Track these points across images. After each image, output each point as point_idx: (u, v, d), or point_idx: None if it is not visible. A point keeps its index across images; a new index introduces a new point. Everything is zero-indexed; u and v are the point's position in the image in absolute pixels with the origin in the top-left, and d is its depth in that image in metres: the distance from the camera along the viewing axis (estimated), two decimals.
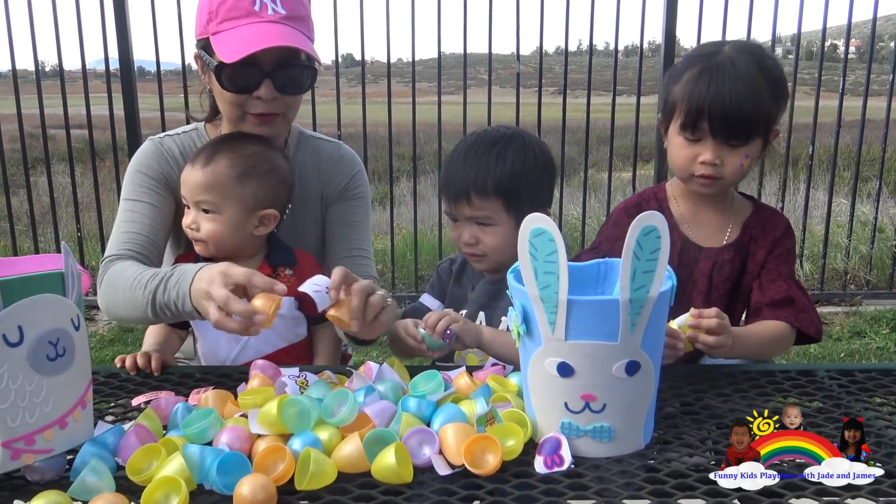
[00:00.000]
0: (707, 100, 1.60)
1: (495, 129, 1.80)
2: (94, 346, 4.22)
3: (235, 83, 1.66)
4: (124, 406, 1.43)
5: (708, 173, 1.65)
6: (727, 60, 1.63)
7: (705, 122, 1.61)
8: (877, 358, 4.00)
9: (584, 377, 1.14)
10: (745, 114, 1.59)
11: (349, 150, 1.96)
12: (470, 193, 1.71)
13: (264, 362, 1.46)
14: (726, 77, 1.60)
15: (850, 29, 4.79)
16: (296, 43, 1.62)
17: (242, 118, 1.72)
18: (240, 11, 1.63)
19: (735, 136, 1.62)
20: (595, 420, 1.16)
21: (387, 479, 1.10)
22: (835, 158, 4.93)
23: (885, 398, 1.40)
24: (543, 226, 1.10)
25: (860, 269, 5.12)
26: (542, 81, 4.76)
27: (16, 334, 1.05)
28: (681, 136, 1.66)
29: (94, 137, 4.80)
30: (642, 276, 1.10)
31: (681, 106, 1.65)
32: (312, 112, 4.52)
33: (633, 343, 1.13)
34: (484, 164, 1.71)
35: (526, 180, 1.73)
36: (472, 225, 1.74)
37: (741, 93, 1.59)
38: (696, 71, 1.64)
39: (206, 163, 1.66)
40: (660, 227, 1.09)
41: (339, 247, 1.87)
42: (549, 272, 1.10)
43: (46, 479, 1.13)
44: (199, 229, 1.68)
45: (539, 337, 1.15)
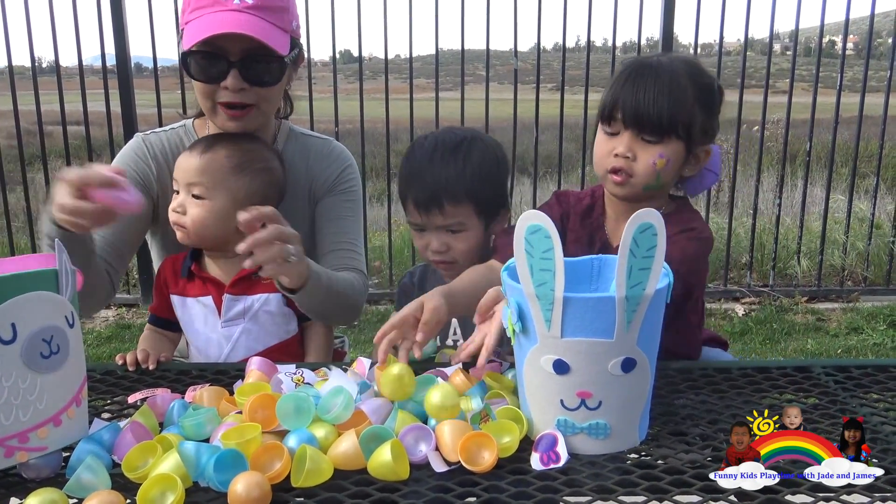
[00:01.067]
0: (624, 92, 1.58)
1: (452, 132, 1.78)
2: (92, 343, 4.22)
3: (201, 72, 1.67)
4: (120, 403, 1.42)
5: (619, 165, 1.58)
6: (655, 63, 1.62)
7: (619, 112, 1.58)
8: (873, 354, 4.01)
9: (580, 374, 1.14)
10: (659, 107, 1.56)
11: (339, 145, 1.95)
12: (442, 201, 1.68)
13: (261, 359, 1.46)
14: (647, 75, 1.58)
15: (847, 25, 4.78)
16: (254, 31, 1.61)
17: (214, 110, 1.72)
18: (206, 0, 1.64)
19: (649, 129, 1.56)
20: (591, 417, 1.16)
21: (383, 476, 1.10)
22: (832, 155, 4.94)
23: (882, 394, 1.40)
24: (539, 223, 1.09)
25: (857, 265, 5.12)
26: (540, 78, 4.75)
27: (9, 332, 1.05)
28: (601, 132, 1.64)
29: (90, 134, 4.79)
30: (638, 273, 1.09)
31: (602, 101, 1.64)
32: (310, 108, 4.52)
33: (630, 340, 1.13)
34: (453, 170, 1.68)
35: (493, 181, 1.73)
36: (442, 233, 1.72)
37: (661, 88, 1.56)
38: (624, 74, 1.62)
39: (205, 149, 1.68)
40: (656, 224, 1.09)
41: (326, 240, 1.86)
42: (545, 269, 1.10)
43: (42, 477, 1.12)
44: (185, 213, 1.68)
45: (535, 334, 1.15)
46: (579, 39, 7.57)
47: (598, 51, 8.34)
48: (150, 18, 4.55)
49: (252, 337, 1.74)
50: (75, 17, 4.54)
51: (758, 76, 5.56)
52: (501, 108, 4.81)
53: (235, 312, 1.74)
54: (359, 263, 1.86)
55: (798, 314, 4.67)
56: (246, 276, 1.73)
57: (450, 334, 1.78)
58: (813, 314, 4.68)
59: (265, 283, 1.74)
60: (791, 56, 4.88)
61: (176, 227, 1.71)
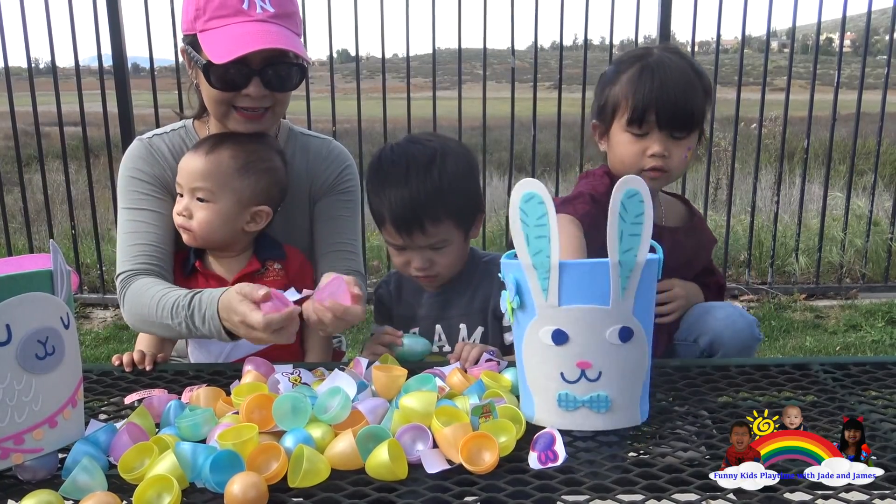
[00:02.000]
0: (654, 93, 1.66)
1: (417, 144, 1.71)
2: (90, 343, 4.21)
3: (224, 81, 1.65)
4: (117, 404, 1.42)
5: (658, 165, 1.69)
6: (663, 58, 1.71)
7: (652, 115, 1.66)
8: (872, 351, 4.01)
9: (579, 344, 1.17)
10: (688, 106, 1.67)
11: (339, 146, 1.95)
12: (424, 223, 1.63)
13: (257, 359, 1.46)
14: (667, 72, 1.68)
15: (844, 22, 4.78)
16: (284, 43, 1.61)
17: (227, 115, 1.70)
18: (228, 10, 1.61)
19: (679, 127, 1.68)
20: (592, 389, 1.18)
21: (381, 475, 1.09)
22: (830, 152, 4.93)
23: (880, 391, 1.39)
24: (533, 189, 1.13)
25: (855, 262, 5.12)
26: (538, 76, 4.75)
27: (3, 333, 1.05)
28: (627, 133, 1.71)
29: (88, 134, 4.78)
30: (629, 239, 1.13)
31: (625, 103, 1.69)
32: (307, 108, 4.51)
33: (626, 308, 1.16)
34: (431, 189, 1.62)
35: (468, 192, 1.70)
36: (425, 250, 1.68)
37: (681, 86, 1.67)
38: (636, 70, 1.70)
39: (209, 151, 1.67)
40: (642, 190, 1.13)
41: (325, 241, 1.86)
42: (541, 236, 1.13)
43: (38, 479, 1.12)
44: (191, 216, 1.67)
45: (533, 307, 1.18)
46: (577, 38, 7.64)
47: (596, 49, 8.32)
48: (147, 19, 4.54)
49: None
50: (72, 18, 4.52)
51: (755, 74, 5.56)
52: (499, 107, 4.81)
53: None
54: (357, 265, 1.86)
55: (796, 311, 4.67)
56: (248, 273, 1.73)
57: (435, 340, 1.77)
58: (811, 311, 4.67)
59: (267, 281, 1.74)
60: (788, 53, 4.87)
61: (182, 231, 1.71)
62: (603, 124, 1.77)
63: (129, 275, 1.69)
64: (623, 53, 1.88)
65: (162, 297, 1.58)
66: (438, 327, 1.77)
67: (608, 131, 1.76)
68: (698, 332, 1.74)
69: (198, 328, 1.54)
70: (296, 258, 1.79)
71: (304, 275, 1.80)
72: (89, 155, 4.86)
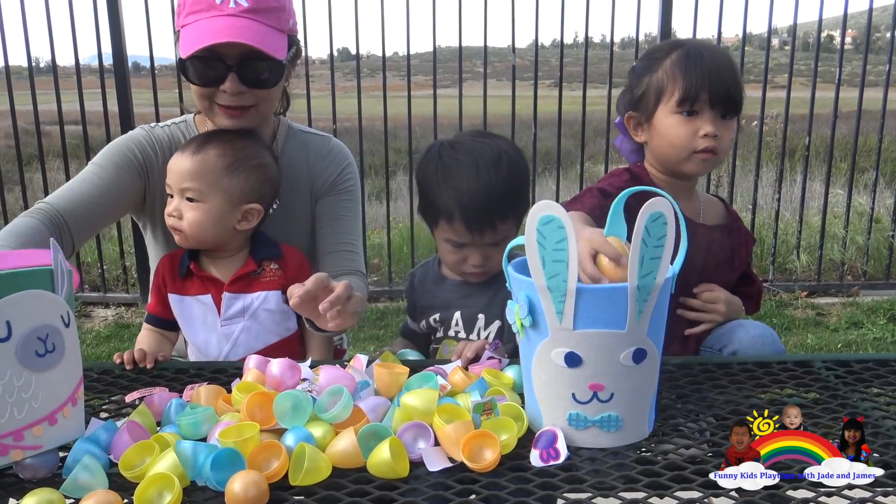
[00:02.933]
0: (705, 73, 1.66)
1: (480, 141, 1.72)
2: (91, 342, 4.21)
3: (200, 77, 1.66)
4: (117, 402, 1.42)
5: (711, 145, 1.68)
6: (704, 45, 1.75)
7: (706, 93, 1.66)
8: (874, 348, 4.00)
9: (592, 367, 1.13)
10: (737, 86, 1.70)
11: (339, 143, 1.94)
12: (495, 221, 1.66)
13: (258, 357, 1.45)
14: (714, 54, 1.70)
15: (846, 19, 4.78)
16: (250, 38, 1.60)
17: (211, 110, 1.71)
18: (201, 5, 1.63)
19: (730, 107, 1.70)
20: (603, 410, 1.15)
21: (382, 473, 1.09)
22: (831, 149, 4.93)
23: (882, 389, 1.39)
24: (553, 213, 1.08)
25: (857, 259, 5.12)
26: (538, 74, 4.74)
27: (3, 329, 1.04)
28: (676, 115, 1.69)
29: (88, 133, 4.78)
30: (650, 263, 1.10)
31: (672, 85, 1.69)
32: (308, 106, 4.52)
33: (641, 330, 1.13)
34: (503, 188, 1.65)
35: (526, 191, 1.75)
36: (486, 247, 1.69)
37: (729, 67, 1.70)
38: (680, 54, 1.70)
39: (195, 151, 1.66)
40: (667, 213, 1.09)
41: (327, 241, 1.86)
42: (559, 260, 1.09)
43: (38, 477, 1.12)
44: (181, 217, 1.67)
45: (545, 328, 1.14)
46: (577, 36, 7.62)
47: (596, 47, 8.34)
48: (147, 17, 4.54)
49: (252, 335, 1.73)
50: (72, 17, 4.52)
51: (756, 71, 5.56)
52: (500, 105, 4.80)
53: (235, 311, 1.73)
54: (359, 265, 1.86)
55: (798, 309, 4.67)
56: (244, 274, 1.72)
57: (452, 325, 1.78)
58: (813, 309, 4.67)
59: (264, 281, 1.73)
60: (790, 51, 4.87)
61: (173, 231, 1.70)
62: (642, 114, 1.76)
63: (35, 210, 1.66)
64: (651, 47, 1.88)
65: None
66: (457, 315, 1.77)
67: (649, 119, 1.74)
68: (725, 342, 1.73)
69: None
70: (294, 257, 1.78)
71: (302, 274, 1.79)
72: (90, 153, 4.85)
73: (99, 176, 1.75)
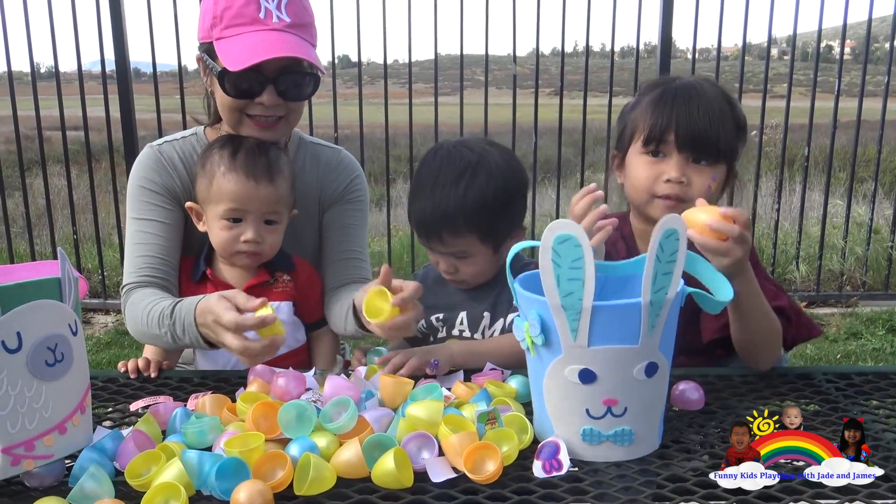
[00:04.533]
0: (675, 113, 1.55)
1: (459, 155, 1.69)
2: (91, 349, 4.21)
3: (239, 89, 1.66)
4: (122, 411, 1.42)
5: (673, 192, 1.55)
6: (689, 84, 1.60)
7: (671, 134, 1.55)
8: (873, 359, 4.01)
9: (607, 382, 1.14)
10: (712, 129, 1.54)
11: (349, 155, 1.96)
12: (442, 234, 1.66)
13: (263, 367, 1.46)
14: (693, 94, 1.57)
15: (845, 30, 4.80)
16: (299, 52, 1.62)
17: (240, 122, 1.71)
18: (245, 18, 1.62)
19: (701, 151, 1.55)
20: (616, 424, 1.16)
21: (387, 484, 1.10)
22: (830, 159, 4.94)
23: (882, 401, 1.40)
24: (569, 232, 1.08)
25: (856, 270, 5.13)
26: (539, 83, 4.76)
27: (14, 340, 1.05)
28: (642, 156, 1.60)
29: (90, 139, 4.79)
30: (662, 279, 1.11)
31: (642, 126, 1.59)
32: (309, 114, 4.52)
33: (653, 345, 1.14)
34: (452, 201, 1.63)
35: (498, 208, 1.66)
36: (448, 257, 1.71)
37: (706, 109, 1.55)
38: (657, 94, 1.60)
39: (271, 176, 1.67)
40: (679, 230, 1.11)
41: (334, 249, 1.87)
42: (574, 279, 1.09)
43: (45, 485, 1.13)
44: (263, 242, 1.69)
45: (558, 346, 1.14)
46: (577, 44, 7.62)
47: (597, 56, 8.35)
48: (150, 23, 4.55)
49: None
50: (75, 23, 4.54)
51: (756, 81, 5.57)
52: (500, 113, 4.81)
53: None
54: (367, 272, 1.88)
55: None
56: (258, 283, 1.73)
57: (456, 324, 1.78)
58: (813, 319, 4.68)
59: (277, 292, 1.74)
60: (789, 61, 4.88)
61: (250, 256, 1.71)
62: (620, 152, 1.68)
63: (130, 287, 1.70)
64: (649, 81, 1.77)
65: (153, 308, 1.58)
66: (463, 314, 1.78)
67: (623, 158, 1.67)
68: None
69: (179, 337, 1.52)
70: (304, 270, 1.80)
71: (312, 287, 1.80)
72: (91, 159, 4.86)
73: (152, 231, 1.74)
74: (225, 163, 1.66)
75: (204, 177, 1.68)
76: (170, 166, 1.78)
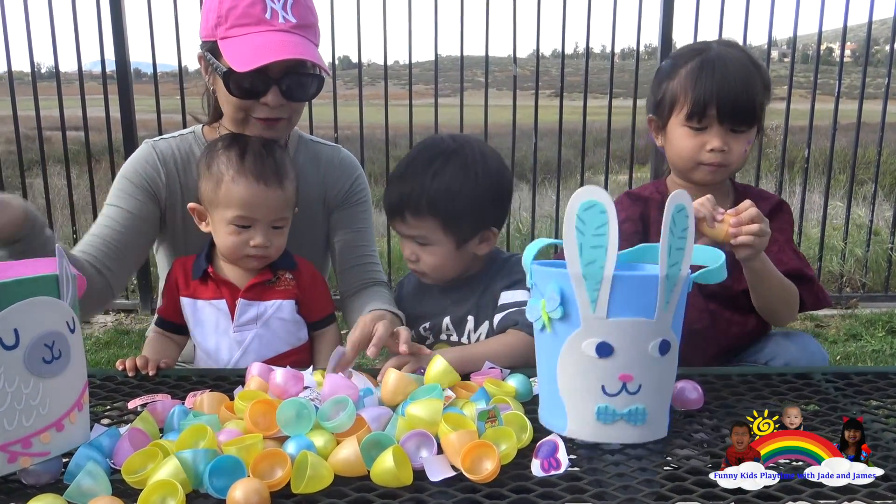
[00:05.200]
0: (714, 88, 1.66)
1: (440, 142, 1.71)
2: (90, 348, 4.21)
3: (243, 89, 1.66)
4: (120, 409, 1.42)
5: (717, 160, 1.70)
6: (722, 52, 1.71)
7: (713, 109, 1.66)
8: (872, 361, 4.01)
9: (623, 356, 1.16)
10: (748, 100, 1.67)
11: (348, 153, 1.97)
12: (404, 212, 1.67)
13: (261, 365, 1.46)
14: (728, 66, 1.67)
15: (845, 32, 4.80)
16: (305, 54, 1.62)
17: (245, 121, 1.72)
18: (250, 19, 1.62)
19: (740, 121, 1.68)
20: (631, 402, 1.18)
21: (386, 482, 1.10)
22: (830, 161, 4.94)
23: (882, 401, 1.40)
24: (595, 198, 1.11)
25: (856, 271, 5.13)
26: (539, 84, 4.76)
27: (11, 337, 1.05)
28: (685, 128, 1.71)
29: (90, 139, 4.79)
30: (676, 253, 1.14)
31: (683, 98, 1.70)
32: (309, 114, 4.52)
33: (666, 321, 1.17)
34: (419, 182, 1.64)
35: (465, 200, 1.64)
36: (412, 242, 1.71)
37: (742, 80, 1.67)
38: (696, 64, 1.70)
39: (278, 180, 1.67)
40: (687, 205, 1.15)
41: (347, 254, 1.90)
42: (598, 246, 1.11)
43: (42, 483, 1.12)
44: (270, 246, 1.69)
45: (577, 318, 1.16)
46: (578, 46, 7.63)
47: (597, 57, 8.36)
48: (150, 24, 4.55)
49: (263, 343, 1.73)
50: (75, 23, 4.54)
51: None
52: (500, 115, 4.82)
53: (248, 317, 1.73)
54: (381, 275, 1.91)
55: (797, 320, 4.67)
56: (260, 282, 1.73)
57: (443, 330, 1.78)
58: (812, 320, 4.68)
59: (279, 290, 1.74)
60: (789, 63, 4.88)
61: (258, 260, 1.71)
62: (660, 119, 1.78)
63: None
64: (681, 48, 1.87)
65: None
66: (447, 320, 1.77)
67: (665, 126, 1.77)
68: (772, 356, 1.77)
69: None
70: (307, 269, 1.80)
71: (314, 285, 1.80)
72: (91, 160, 4.86)
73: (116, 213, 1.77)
74: (234, 166, 1.65)
75: (210, 179, 1.67)
76: (161, 163, 1.80)
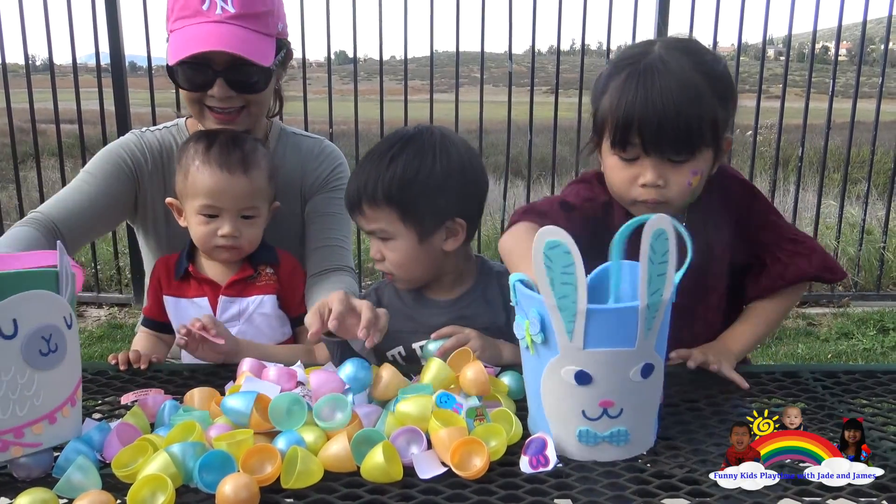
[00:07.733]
0: (636, 109, 1.35)
1: (401, 131, 1.63)
2: (83, 342, 4.21)
3: (188, 82, 1.67)
4: (111, 404, 1.42)
5: (651, 197, 1.41)
6: (657, 61, 1.37)
7: (636, 136, 1.37)
8: (863, 359, 4.03)
9: (603, 385, 1.13)
10: (683, 121, 1.34)
11: (332, 145, 1.96)
12: (361, 203, 1.58)
13: (253, 360, 1.46)
14: (658, 81, 1.35)
15: (840, 31, 4.81)
16: (235, 46, 1.61)
17: (202, 113, 1.73)
18: (188, 10, 1.64)
19: (675, 149, 1.37)
20: (612, 425, 1.15)
21: (376, 477, 1.10)
22: (824, 160, 4.96)
23: (868, 400, 1.41)
24: (558, 238, 1.06)
25: (848, 270, 5.14)
26: (535, 80, 4.76)
27: (10, 326, 1.06)
28: (614, 157, 1.43)
29: (84, 132, 4.78)
30: (657, 280, 1.09)
31: (611, 119, 1.40)
32: (304, 109, 4.52)
33: (648, 346, 1.13)
34: (374, 171, 1.56)
35: (420, 187, 1.54)
36: (375, 239, 1.62)
37: (676, 96, 1.34)
38: (623, 77, 1.39)
39: (245, 168, 1.65)
40: (668, 229, 1.09)
41: (316, 236, 1.86)
42: (567, 283, 1.08)
43: (32, 477, 1.12)
44: (240, 236, 1.68)
45: (555, 345, 1.13)
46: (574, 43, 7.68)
47: (593, 54, 8.35)
48: (145, 17, 4.54)
49: (247, 339, 1.74)
50: (70, 15, 4.53)
51: (751, 81, 5.58)
52: (496, 111, 4.83)
53: (231, 314, 1.74)
54: (348, 260, 1.86)
55: (789, 319, 4.69)
56: (241, 278, 1.73)
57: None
58: (804, 319, 4.70)
59: (260, 285, 1.74)
60: (784, 61, 4.90)
61: (228, 250, 1.70)
62: (598, 139, 1.49)
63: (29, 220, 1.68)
64: (626, 49, 1.55)
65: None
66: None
67: (599, 149, 1.50)
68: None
69: None
70: (288, 262, 1.80)
71: (296, 280, 1.80)
72: (85, 153, 4.85)
73: (90, 184, 1.77)
74: (199, 157, 1.66)
75: (180, 171, 1.69)
76: (147, 150, 1.82)
